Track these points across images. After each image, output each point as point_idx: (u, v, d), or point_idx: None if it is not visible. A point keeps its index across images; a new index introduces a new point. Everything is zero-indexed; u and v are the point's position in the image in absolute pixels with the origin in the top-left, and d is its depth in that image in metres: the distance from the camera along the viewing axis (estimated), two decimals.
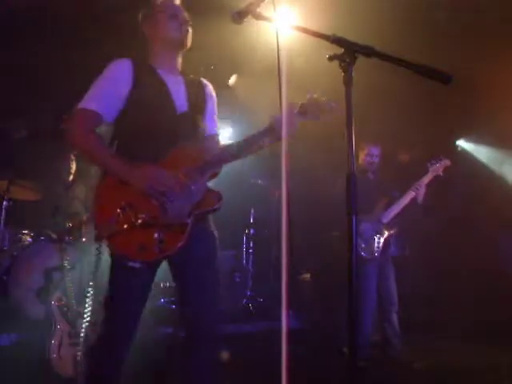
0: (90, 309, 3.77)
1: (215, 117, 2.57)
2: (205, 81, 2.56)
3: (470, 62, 4.77)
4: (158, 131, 2.23)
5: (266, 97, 2.56)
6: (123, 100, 2.25)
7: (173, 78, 2.38)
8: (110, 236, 2.10)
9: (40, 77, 5.45)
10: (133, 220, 2.09)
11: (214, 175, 2.30)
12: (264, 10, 2.10)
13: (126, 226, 2.08)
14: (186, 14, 2.38)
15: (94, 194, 2.21)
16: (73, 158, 5.24)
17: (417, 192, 4.41)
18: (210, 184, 2.30)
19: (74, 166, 5.24)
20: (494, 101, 5.50)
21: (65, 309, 3.67)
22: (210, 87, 2.57)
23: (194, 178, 2.17)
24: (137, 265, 2.07)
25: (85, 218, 4.60)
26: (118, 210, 2.10)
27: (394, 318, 4.44)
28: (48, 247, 4.48)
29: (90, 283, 3.19)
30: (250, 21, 2.20)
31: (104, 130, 2.32)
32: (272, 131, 2.24)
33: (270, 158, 2.90)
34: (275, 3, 2.08)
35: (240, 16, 2.19)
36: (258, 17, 2.11)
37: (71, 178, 5.23)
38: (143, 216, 2.09)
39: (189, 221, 2.12)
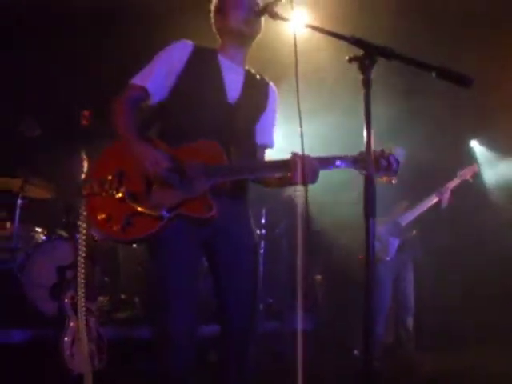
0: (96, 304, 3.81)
1: (272, 126, 2.42)
2: (272, 85, 2.43)
3: (485, 63, 4.72)
4: (202, 117, 2.16)
5: (282, 100, 2.51)
6: (174, 79, 2.20)
7: (233, 67, 2.29)
8: (89, 195, 2.09)
9: (54, 75, 5.49)
10: (114, 191, 2.06)
11: (222, 185, 2.11)
12: (282, 9, 2.10)
13: (104, 194, 2.07)
14: (258, 4, 2.23)
15: (102, 151, 2.22)
16: (84, 157, 5.27)
17: (441, 196, 4.33)
18: None
19: (85, 165, 5.27)
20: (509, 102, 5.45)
21: (77, 306, 3.69)
22: (276, 94, 2.43)
23: (198, 175, 2.05)
24: (97, 234, 2.09)
25: None
26: (110, 177, 2.08)
27: (409, 321, 4.39)
28: (61, 245, 4.51)
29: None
30: (267, 20, 2.22)
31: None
32: (287, 169, 2.10)
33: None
34: (293, 3, 2.07)
35: (257, 15, 2.20)
36: (275, 16, 2.11)
37: (83, 176, 5.26)
38: (123, 190, 2.05)
39: (164, 214, 2.00)
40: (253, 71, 2.39)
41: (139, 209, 2.01)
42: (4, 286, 4.33)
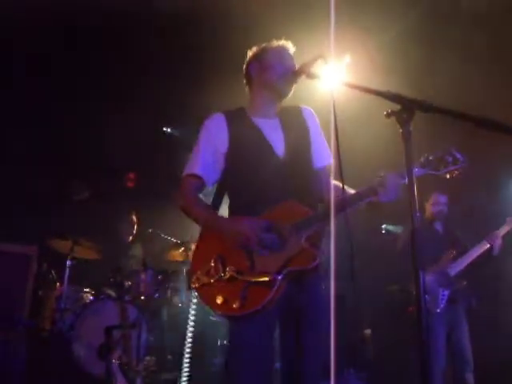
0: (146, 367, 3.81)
1: (324, 145, 2.41)
2: (304, 107, 2.45)
3: None
4: (260, 184, 2.21)
5: None
6: (223, 159, 2.30)
7: (268, 122, 2.34)
8: (199, 287, 2.16)
9: (101, 139, 5.74)
10: (221, 273, 2.12)
11: (316, 234, 2.16)
12: (318, 68, 2.16)
13: (213, 280, 2.13)
14: (295, 64, 2.30)
15: (194, 247, 2.31)
16: (135, 219, 5.41)
17: (492, 243, 4.21)
18: None
19: (135, 227, 5.41)
20: None
21: (125, 367, 3.69)
22: (311, 113, 2.44)
23: (292, 233, 2.11)
24: (219, 318, 2.12)
25: (143, 276, 4.70)
26: (212, 263, 2.15)
27: (469, 377, 4.12)
28: (108, 305, 4.57)
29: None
30: (304, 80, 2.28)
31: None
32: (374, 193, 2.14)
33: None
34: (327, 62, 2.13)
35: (295, 75, 2.27)
36: (312, 76, 2.18)
37: (131, 238, 5.39)
38: (231, 269, 2.11)
39: (278, 277, 2.05)
40: (284, 110, 2.40)
41: (251, 279, 2.07)
42: (53, 347, 4.40)
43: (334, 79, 2.04)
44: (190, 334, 3.54)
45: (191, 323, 3.67)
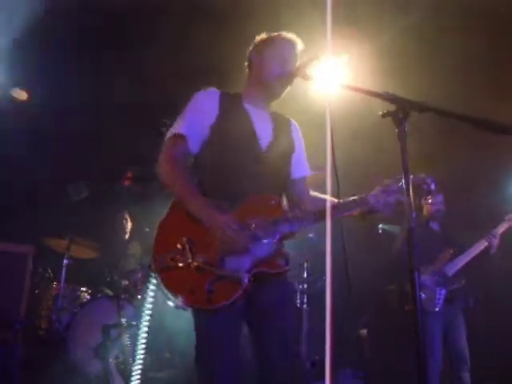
0: (141, 366, 3.80)
1: (304, 158, 2.46)
2: (293, 121, 2.48)
3: None
4: (238, 168, 2.18)
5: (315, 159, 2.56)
6: (207, 131, 2.23)
7: (260, 113, 2.33)
8: (162, 269, 2.05)
9: (100, 140, 5.74)
10: (189, 261, 2.02)
11: (291, 235, 2.14)
12: (313, 70, 2.17)
13: (180, 265, 2.03)
14: (296, 64, 2.28)
15: (158, 224, 2.17)
16: (127, 217, 5.42)
17: (490, 241, 4.19)
18: None
19: (129, 225, 5.41)
20: None
21: (122, 366, 3.70)
22: (297, 128, 2.48)
23: (266, 232, 2.06)
24: (183, 307, 2.01)
25: (140, 275, 4.71)
26: (179, 246, 2.05)
27: (466, 377, 4.11)
28: (105, 304, 4.57)
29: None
30: (299, 81, 2.29)
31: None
32: (366, 204, 2.16)
33: None
34: (323, 64, 2.14)
35: (291, 76, 2.28)
36: (308, 78, 2.18)
37: (127, 236, 5.39)
38: (200, 260, 2.01)
39: (245, 277, 1.99)
40: (275, 113, 2.42)
41: (221, 273, 2.00)
42: (50, 346, 4.40)
43: (330, 81, 2.05)
44: (145, 323, 3.34)
45: (148, 311, 3.45)
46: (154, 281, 3.11)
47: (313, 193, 2.41)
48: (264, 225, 2.06)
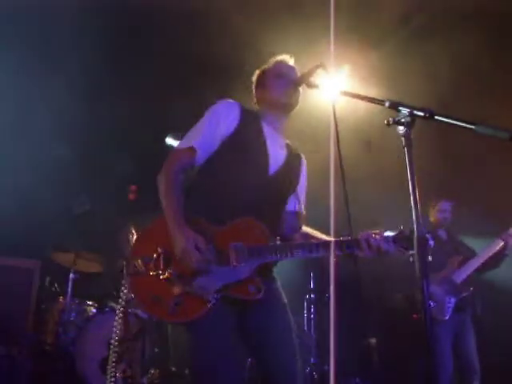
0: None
1: (303, 195, 2.48)
2: (303, 157, 2.50)
3: None
4: (243, 183, 2.18)
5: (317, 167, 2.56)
6: (219, 141, 2.22)
7: (276, 137, 2.34)
8: (133, 274, 2.08)
9: (102, 151, 5.76)
10: (160, 271, 2.04)
11: (272, 262, 2.16)
12: (318, 78, 2.18)
13: (151, 273, 2.05)
14: (296, 75, 2.32)
15: (141, 230, 2.24)
16: (133, 231, 5.41)
17: (506, 240, 4.12)
18: None
19: (133, 239, 5.39)
20: None
21: (129, 380, 3.67)
22: (305, 165, 2.51)
23: (243, 258, 2.05)
24: (144, 315, 2.04)
25: None
26: (154, 255, 2.07)
27: None
28: (112, 318, 4.54)
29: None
30: (304, 89, 2.30)
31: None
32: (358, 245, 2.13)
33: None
34: (328, 72, 2.15)
35: (295, 86, 2.29)
36: (312, 86, 2.19)
37: (128, 253, 5.38)
38: (171, 272, 2.03)
39: (211, 299, 2.00)
40: (291, 144, 2.44)
41: (189, 290, 2.01)
42: (57, 360, 4.38)
43: (335, 88, 2.05)
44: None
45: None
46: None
47: (306, 228, 2.41)
48: (241, 250, 2.06)
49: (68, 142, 5.70)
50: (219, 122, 2.24)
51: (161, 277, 2.03)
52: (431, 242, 2.11)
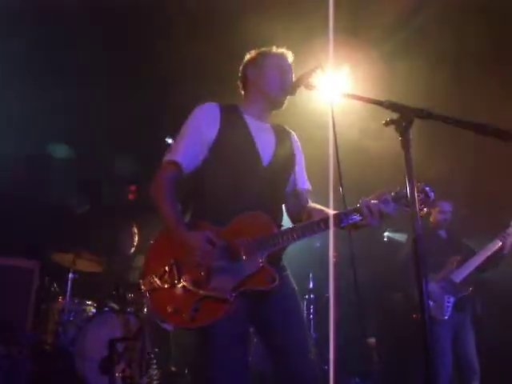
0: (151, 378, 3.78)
1: (304, 171, 2.46)
2: (293, 133, 2.47)
3: None
4: (238, 183, 2.18)
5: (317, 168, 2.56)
6: (207, 148, 2.22)
7: (261, 125, 2.33)
8: (151, 290, 2.10)
9: (103, 152, 5.77)
10: (175, 281, 2.06)
11: (281, 249, 2.17)
12: (316, 79, 2.18)
13: (167, 286, 2.07)
14: (293, 75, 2.31)
15: (148, 249, 2.22)
16: (135, 231, 5.42)
17: (504, 241, 4.11)
18: None
19: (136, 239, 5.40)
20: None
21: (128, 380, 3.68)
22: (295, 137, 2.47)
23: (252, 250, 2.07)
24: (169, 327, 2.04)
25: None
26: (166, 268, 2.09)
27: None
28: (111, 318, 4.55)
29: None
30: (301, 91, 2.29)
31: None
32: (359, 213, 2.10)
33: None
34: (326, 73, 2.15)
35: (292, 89, 2.28)
36: (310, 87, 2.19)
37: (133, 250, 5.39)
38: (185, 280, 2.05)
39: (230, 297, 2.00)
40: (277, 125, 2.41)
41: (205, 293, 2.01)
42: (55, 360, 4.38)
43: (333, 90, 2.05)
44: None
45: None
46: None
47: (312, 204, 2.39)
48: (249, 243, 2.07)
49: (68, 142, 5.71)
50: (201, 129, 2.23)
51: (177, 286, 2.05)
52: (431, 194, 2.09)
